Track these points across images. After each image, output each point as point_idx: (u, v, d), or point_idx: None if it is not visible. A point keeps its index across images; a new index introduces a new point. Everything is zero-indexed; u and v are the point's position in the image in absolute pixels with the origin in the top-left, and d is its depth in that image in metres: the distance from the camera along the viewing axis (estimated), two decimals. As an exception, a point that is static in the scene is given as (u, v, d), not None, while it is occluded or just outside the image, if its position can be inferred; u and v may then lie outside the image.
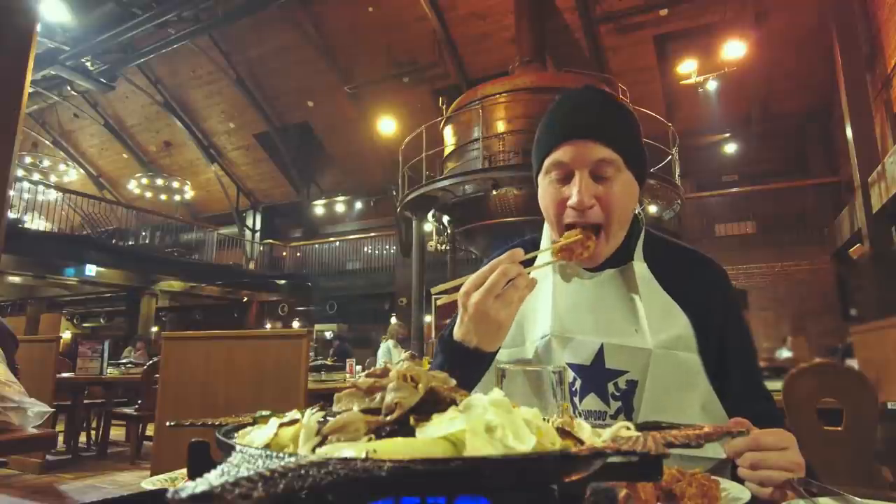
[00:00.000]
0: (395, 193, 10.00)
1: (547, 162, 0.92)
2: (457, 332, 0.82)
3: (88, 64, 11.80)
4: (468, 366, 0.80)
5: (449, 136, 8.82)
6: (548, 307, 0.95)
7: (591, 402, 0.91)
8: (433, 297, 0.87)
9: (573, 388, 0.92)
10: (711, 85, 10.31)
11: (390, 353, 7.01)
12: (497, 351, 0.83)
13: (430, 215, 9.08)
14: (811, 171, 11.66)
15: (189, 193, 15.70)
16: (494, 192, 7.63)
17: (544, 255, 0.93)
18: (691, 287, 0.94)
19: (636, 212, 0.97)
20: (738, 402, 0.90)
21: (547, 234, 1.02)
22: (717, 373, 0.91)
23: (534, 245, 1.06)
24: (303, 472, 0.28)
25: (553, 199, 0.92)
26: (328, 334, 14.44)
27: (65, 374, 4.94)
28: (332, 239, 15.92)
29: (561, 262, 0.95)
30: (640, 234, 0.98)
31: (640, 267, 0.94)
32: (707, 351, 0.90)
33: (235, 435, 0.44)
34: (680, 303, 0.92)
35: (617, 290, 0.95)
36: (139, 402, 4.73)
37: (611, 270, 0.96)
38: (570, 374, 0.92)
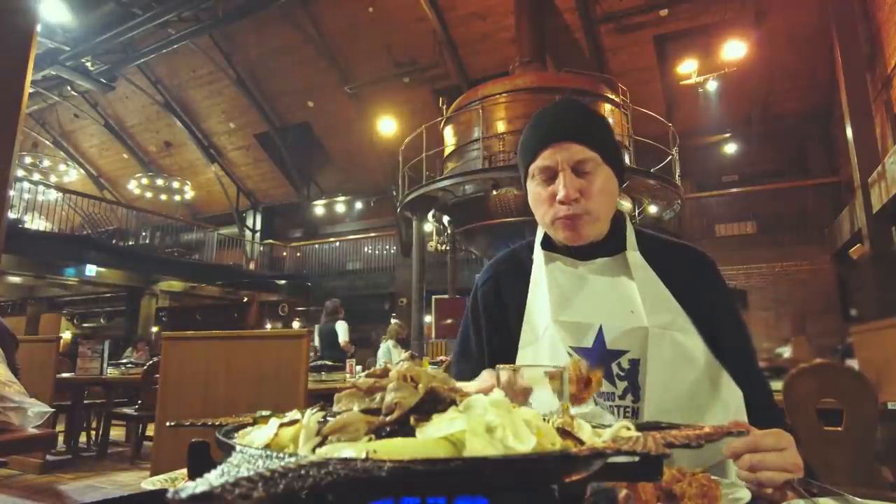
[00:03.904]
0: (395, 193, 9.99)
1: (532, 167, 1.01)
2: None
3: (88, 64, 11.81)
4: None
5: (449, 137, 8.82)
6: (546, 298, 0.99)
7: None
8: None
9: None
10: (711, 85, 10.29)
11: (390, 353, 7.01)
12: None
13: (430, 215, 9.08)
14: (811, 171, 11.66)
15: (189, 193, 15.70)
16: (494, 193, 7.63)
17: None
18: (678, 277, 0.98)
19: (619, 207, 1.04)
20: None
21: (540, 239, 1.07)
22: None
23: (529, 250, 1.11)
24: (303, 472, 0.28)
25: (542, 197, 1.00)
26: (328, 334, 14.40)
27: (65, 374, 4.92)
28: (332, 239, 15.91)
29: (552, 258, 1.03)
30: (628, 228, 1.03)
31: (633, 256, 0.99)
32: (703, 336, 0.94)
33: (235, 435, 0.44)
34: (671, 292, 0.96)
35: (610, 276, 0.99)
36: (139, 402, 4.72)
37: (603, 259, 1.01)
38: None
